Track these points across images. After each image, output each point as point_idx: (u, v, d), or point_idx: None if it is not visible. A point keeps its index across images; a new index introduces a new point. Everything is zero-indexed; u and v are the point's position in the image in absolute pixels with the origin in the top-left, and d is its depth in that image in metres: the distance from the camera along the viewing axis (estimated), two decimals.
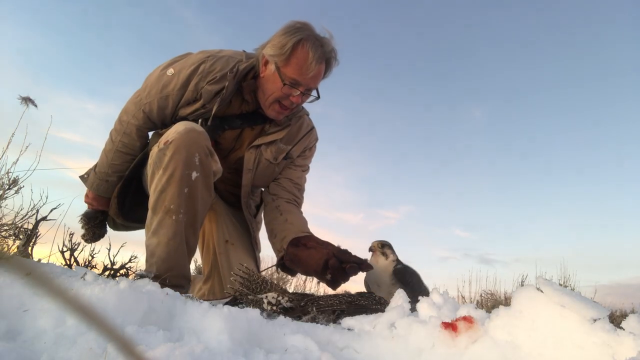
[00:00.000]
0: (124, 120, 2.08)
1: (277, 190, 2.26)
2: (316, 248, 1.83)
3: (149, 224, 1.78)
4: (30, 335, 0.80)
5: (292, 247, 1.92)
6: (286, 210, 2.15)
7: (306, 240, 1.92)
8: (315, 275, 1.81)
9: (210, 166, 1.83)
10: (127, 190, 2.14)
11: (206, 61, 2.01)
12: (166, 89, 2.01)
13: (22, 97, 1.84)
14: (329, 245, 1.84)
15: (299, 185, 2.32)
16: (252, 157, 2.17)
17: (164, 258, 1.72)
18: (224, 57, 2.05)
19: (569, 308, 0.90)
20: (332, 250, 1.78)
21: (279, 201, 2.20)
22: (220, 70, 2.00)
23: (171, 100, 2.02)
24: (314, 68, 1.95)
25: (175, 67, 2.02)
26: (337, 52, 2.10)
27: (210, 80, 1.99)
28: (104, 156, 2.14)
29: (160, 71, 2.05)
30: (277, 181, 2.30)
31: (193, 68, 2.00)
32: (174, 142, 1.73)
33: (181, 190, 1.72)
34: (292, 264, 1.93)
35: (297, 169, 2.34)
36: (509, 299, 1.68)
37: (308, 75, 1.96)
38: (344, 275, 1.74)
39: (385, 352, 1.08)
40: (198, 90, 2.00)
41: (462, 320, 1.05)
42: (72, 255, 1.81)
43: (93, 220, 2.28)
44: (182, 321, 1.00)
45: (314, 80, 2.02)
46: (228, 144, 2.20)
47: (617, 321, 2.91)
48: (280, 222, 2.09)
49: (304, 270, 1.90)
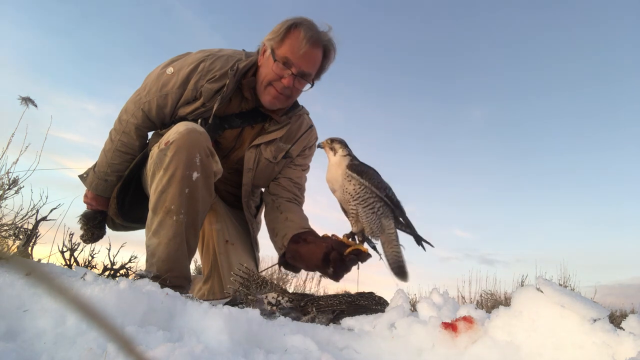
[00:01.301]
0: (123, 120, 2.09)
1: (277, 190, 2.26)
2: (315, 242, 1.84)
3: (150, 225, 1.78)
4: (30, 335, 0.80)
5: (293, 243, 1.93)
6: (286, 209, 2.15)
7: (306, 236, 1.93)
8: (317, 269, 1.82)
9: (211, 166, 1.83)
10: (126, 190, 2.14)
11: (206, 60, 2.02)
12: (165, 88, 2.01)
13: (22, 97, 1.84)
14: (327, 238, 1.85)
15: (299, 185, 2.32)
16: (252, 157, 2.17)
17: (165, 258, 1.72)
18: (223, 56, 2.06)
19: (568, 308, 0.90)
20: (331, 243, 1.78)
21: (280, 200, 2.20)
22: (220, 69, 2.01)
23: (170, 99, 2.02)
24: (305, 46, 1.96)
25: (175, 66, 2.03)
26: (336, 44, 2.10)
27: (210, 79, 1.99)
28: (103, 155, 2.15)
29: (160, 70, 2.05)
30: (277, 181, 2.30)
31: (193, 66, 2.00)
32: (174, 142, 1.73)
33: (182, 191, 1.72)
34: (293, 260, 1.94)
35: (297, 168, 2.34)
36: (509, 299, 1.66)
37: (299, 52, 1.96)
38: (345, 267, 1.75)
39: (385, 353, 1.08)
40: (197, 88, 2.00)
41: (462, 321, 1.05)
42: (72, 256, 1.80)
43: (92, 221, 2.27)
44: (182, 321, 1.00)
45: (307, 62, 2.01)
46: (228, 144, 2.20)
47: (617, 321, 2.91)
48: (281, 220, 2.09)
49: (305, 266, 1.91)
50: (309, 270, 1.97)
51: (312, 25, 2.02)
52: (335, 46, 2.11)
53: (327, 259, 1.73)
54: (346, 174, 1.76)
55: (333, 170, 1.83)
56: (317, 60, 2.07)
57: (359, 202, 1.73)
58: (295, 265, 1.99)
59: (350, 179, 1.75)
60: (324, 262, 1.74)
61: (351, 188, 1.75)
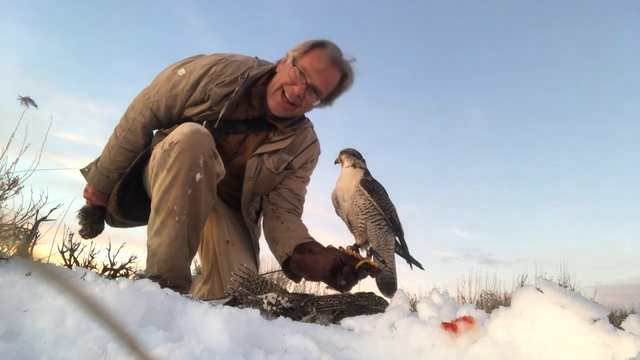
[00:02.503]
0: (130, 117, 2.08)
1: (277, 200, 2.27)
2: (322, 253, 1.86)
3: (152, 224, 1.78)
4: (30, 335, 0.80)
5: (298, 253, 1.94)
6: (287, 219, 2.18)
7: (311, 247, 1.95)
8: (323, 280, 1.84)
9: (214, 168, 1.83)
10: (127, 187, 2.14)
11: (218, 64, 2.03)
12: (175, 89, 2.02)
13: (22, 97, 1.83)
14: (334, 250, 1.88)
15: (299, 196, 2.34)
16: (253, 165, 2.18)
17: (166, 259, 1.72)
18: (236, 62, 2.07)
19: (568, 308, 0.90)
20: (339, 255, 1.80)
21: (280, 211, 2.23)
22: (231, 74, 2.03)
23: (179, 100, 2.03)
24: (325, 63, 2.00)
25: (187, 68, 2.04)
26: (355, 75, 2.14)
27: (219, 83, 2.01)
28: (107, 152, 2.14)
29: (171, 71, 2.06)
30: (278, 191, 2.31)
31: (205, 69, 2.01)
32: (179, 143, 1.73)
33: (185, 192, 1.73)
34: (298, 270, 1.95)
35: (297, 179, 2.36)
36: (509, 299, 1.66)
37: (318, 67, 2.00)
38: (355, 280, 1.79)
39: (385, 353, 1.08)
40: (206, 91, 2.01)
41: (462, 321, 1.05)
42: (72, 256, 1.80)
43: (91, 216, 2.26)
44: (182, 321, 1.00)
45: (323, 79, 2.04)
46: (231, 149, 2.20)
47: (617, 321, 2.91)
48: (282, 230, 2.11)
49: (310, 276, 1.92)
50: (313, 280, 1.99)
51: (338, 50, 2.08)
52: (353, 76, 2.15)
53: (335, 270, 1.76)
54: (358, 188, 1.85)
55: (347, 181, 1.90)
56: (333, 81, 2.10)
57: (367, 216, 1.84)
58: (300, 274, 2.00)
59: (362, 193, 1.84)
60: (332, 273, 1.76)
61: (361, 202, 1.84)
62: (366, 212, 1.84)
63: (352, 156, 1.94)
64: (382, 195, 1.86)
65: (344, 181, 1.90)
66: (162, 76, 2.07)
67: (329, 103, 2.21)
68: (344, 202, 1.91)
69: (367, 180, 1.85)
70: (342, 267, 1.75)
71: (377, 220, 1.85)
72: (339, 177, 1.95)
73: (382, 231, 1.87)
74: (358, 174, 1.88)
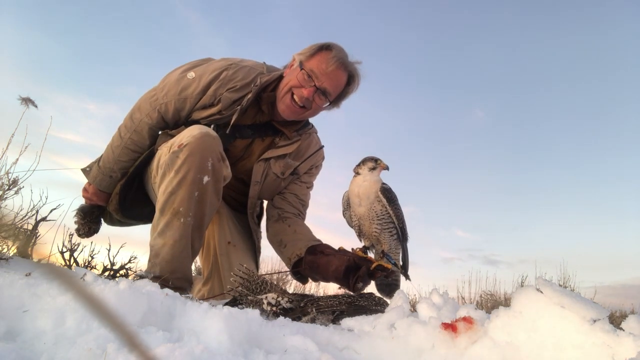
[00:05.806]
0: (136, 118, 2.08)
1: (282, 204, 2.30)
2: (335, 255, 1.89)
3: (156, 225, 1.78)
4: (30, 335, 0.80)
5: (310, 255, 1.97)
6: (293, 222, 2.22)
7: (322, 248, 1.98)
8: (335, 280, 1.87)
9: (222, 171, 1.84)
10: (129, 187, 2.14)
11: (229, 69, 2.04)
12: (185, 92, 2.02)
13: (22, 97, 1.83)
14: (346, 252, 1.92)
15: (303, 202, 2.37)
16: (260, 170, 2.19)
17: (169, 260, 1.72)
18: (246, 67, 2.09)
19: (568, 309, 0.90)
20: (352, 257, 1.84)
21: (286, 214, 2.26)
22: (241, 80, 2.04)
23: (189, 103, 2.04)
24: (332, 65, 2.02)
25: (197, 71, 2.04)
26: (361, 77, 2.17)
27: (230, 88, 2.02)
28: (111, 152, 2.13)
29: (180, 73, 2.06)
30: (283, 195, 2.34)
31: (215, 74, 2.02)
32: (188, 145, 1.73)
33: (192, 194, 1.73)
34: (310, 271, 1.98)
35: (302, 185, 2.39)
36: (509, 299, 1.67)
37: (326, 70, 2.02)
38: (369, 282, 1.85)
39: (385, 353, 1.08)
40: (216, 96, 2.02)
41: (462, 321, 1.05)
42: (71, 256, 1.80)
43: (89, 215, 2.25)
44: (181, 322, 1.00)
45: (330, 81, 2.06)
46: (237, 153, 2.22)
47: (617, 322, 2.91)
48: (290, 233, 2.15)
49: (322, 277, 1.95)
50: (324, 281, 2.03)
51: (344, 52, 2.10)
52: (360, 78, 2.18)
53: (348, 271, 1.80)
54: (377, 195, 1.96)
55: (367, 186, 1.99)
56: (340, 83, 2.12)
57: (382, 222, 1.96)
58: (311, 276, 2.03)
59: (380, 200, 1.95)
60: (346, 274, 1.80)
61: (378, 209, 1.96)
62: (382, 218, 1.95)
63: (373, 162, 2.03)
64: (398, 205, 1.98)
65: (364, 187, 1.98)
66: (170, 78, 2.07)
67: (336, 105, 2.24)
68: (359, 207, 2.00)
69: (386, 189, 1.96)
70: (355, 269, 1.80)
71: (390, 227, 1.96)
72: (355, 181, 2.03)
73: (393, 238, 1.99)
74: (379, 182, 1.98)
